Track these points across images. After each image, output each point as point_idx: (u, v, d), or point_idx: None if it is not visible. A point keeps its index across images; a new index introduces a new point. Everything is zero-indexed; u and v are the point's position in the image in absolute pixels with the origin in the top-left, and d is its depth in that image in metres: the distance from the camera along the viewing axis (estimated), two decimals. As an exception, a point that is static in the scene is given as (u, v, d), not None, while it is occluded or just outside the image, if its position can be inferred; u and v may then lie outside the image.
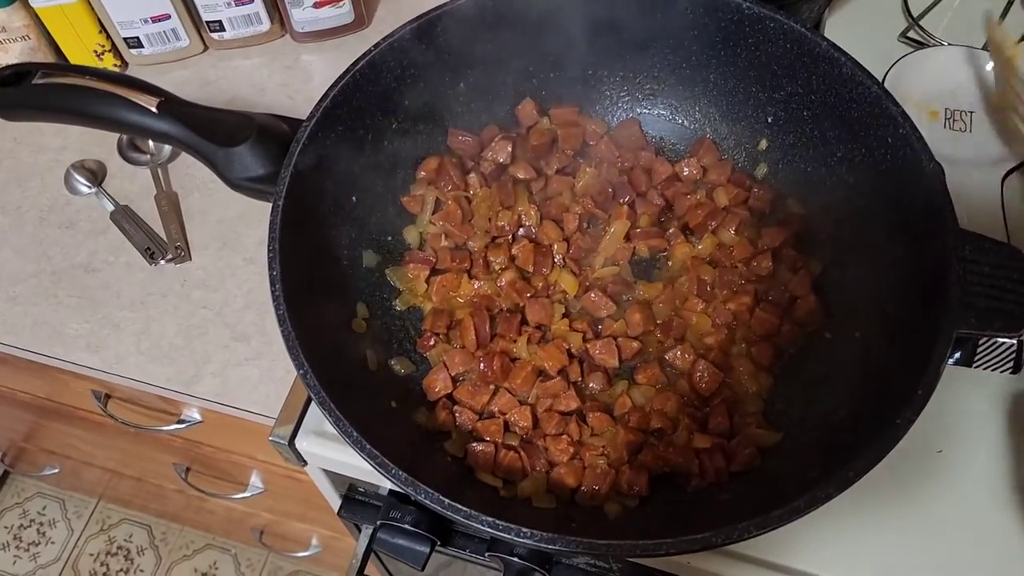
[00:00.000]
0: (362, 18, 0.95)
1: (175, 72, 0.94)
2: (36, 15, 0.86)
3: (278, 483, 1.06)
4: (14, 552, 1.82)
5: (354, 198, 0.66)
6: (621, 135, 0.73)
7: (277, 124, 0.63)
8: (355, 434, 0.49)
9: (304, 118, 0.63)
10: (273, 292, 0.54)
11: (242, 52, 0.96)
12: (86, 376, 0.81)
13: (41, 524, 1.87)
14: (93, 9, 0.87)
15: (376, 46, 0.65)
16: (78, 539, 1.83)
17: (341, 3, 0.92)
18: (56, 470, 1.53)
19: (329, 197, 0.64)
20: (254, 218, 0.84)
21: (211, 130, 0.60)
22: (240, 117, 0.62)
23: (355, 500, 0.77)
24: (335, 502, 0.79)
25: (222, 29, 0.92)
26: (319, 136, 0.61)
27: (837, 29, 0.89)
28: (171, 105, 0.61)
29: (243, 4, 0.90)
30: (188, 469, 1.15)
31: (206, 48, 0.95)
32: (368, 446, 0.49)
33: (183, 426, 0.91)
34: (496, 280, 0.67)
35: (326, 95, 0.62)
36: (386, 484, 0.74)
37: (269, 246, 0.56)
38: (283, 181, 0.58)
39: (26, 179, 0.88)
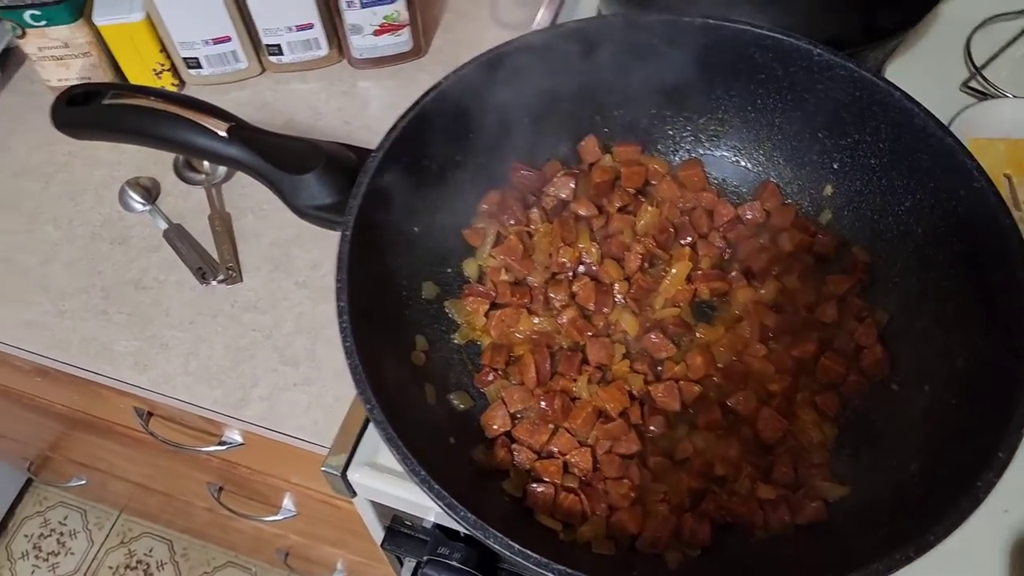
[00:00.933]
0: (419, 47, 0.96)
1: (232, 93, 0.95)
2: (99, 33, 0.87)
3: (313, 508, 1.05)
4: (33, 562, 1.81)
5: (416, 228, 0.66)
6: (683, 175, 0.73)
7: (344, 153, 0.63)
8: (423, 473, 0.48)
9: (366, 146, 0.63)
10: (341, 323, 0.54)
11: (299, 76, 0.96)
12: (129, 393, 0.80)
13: (62, 534, 1.86)
14: (155, 29, 0.87)
15: (445, 79, 0.64)
16: (98, 551, 1.82)
17: (400, 32, 0.92)
18: (83, 482, 1.52)
19: (392, 227, 0.64)
20: (307, 241, 0.84)
21: (279, 157, 0.60)
22: (308, 145, 0.62)
23: (400, 532, 0.76)
24: (378, 533, 0.78)
25: (281, 53, 0.93)
26: (386, 167, 0.61)
27: (897, 76, 0.88)
28: (240, 130, 0.61)
29: (303, 29, 0.90)
30: (221, 489, 1.14)
31: (263, 70, 0.96)
32: (436, 486, 0.48)
33: (223, 448, 0.91)
34: (556, 317, 0.67)
35: (395, 126, 0.62)
36: (431, 518, 0.73)
37: (337, 276, 0.55)
38: (351, 211, 0.58)
39: (80, 193, 0.88)
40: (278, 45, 0.92)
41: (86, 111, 0.61)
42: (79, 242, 0.85)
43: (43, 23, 0.83)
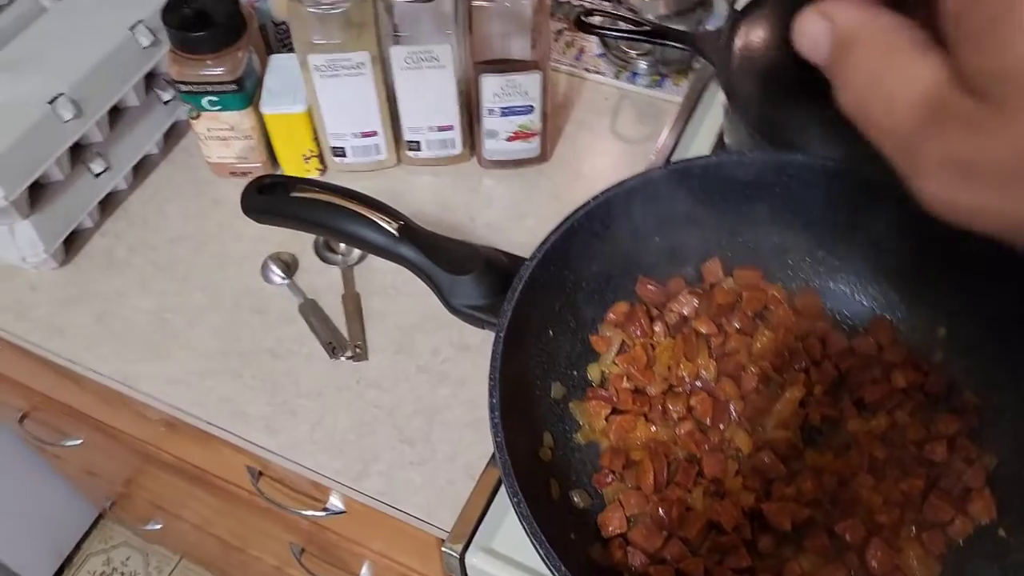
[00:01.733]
0: (545, 154, 1.03)
1: (368, 180, 1.02)
2: (263, 120, 0.95)
3: (390, 579, 1.08)
4: (94, 599, 1.86)
5: (551, 332, 0.71)
6: (800, 303, 0.77)
7: (499, 257, 0.69)
8: (563, 569, 0.52)
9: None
10: (492, 419, 0.58)
11: (431, 170, 1.03)
12: (248, 452, 0.86)
13: (123, 575, 1.91)
14: (312, 120, 0.96)
15: (593, 199, 0.70)
16: (156, 595, 1.86)
17: (531, 139, 0.99)
18: (159, 526, 1.58)
19: (533, 329, 0.69)
20: (429, 328, 0.90)
21: (443, 258, 0.66)
22: (467, 248, 0.68)
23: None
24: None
25: (419, 149, 1.01)
26: (536, 275, 0.66)
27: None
28: (409, 230, 0.67)
29: (444, 130, 0.98)
30: (303, 550, 1.18)
31: (399, 162, 1.04)
32: (577, 583, 0.51)
33: (324, 514, 0.95)
34: (674, 428, 0.70)
35: (547, 239, 0.68)
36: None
37: (491, 375, 0.60)
38: (505, 314, 0.63)
39: (226, 263, 0.95)
40: (418, 142, 1.00)
41: (275, 200, 0.68)
42: (223, 308, 0.91)
43: (217, 108, 0.92)
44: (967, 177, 0.25)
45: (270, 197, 0.69)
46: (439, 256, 0.66)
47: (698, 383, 0.73)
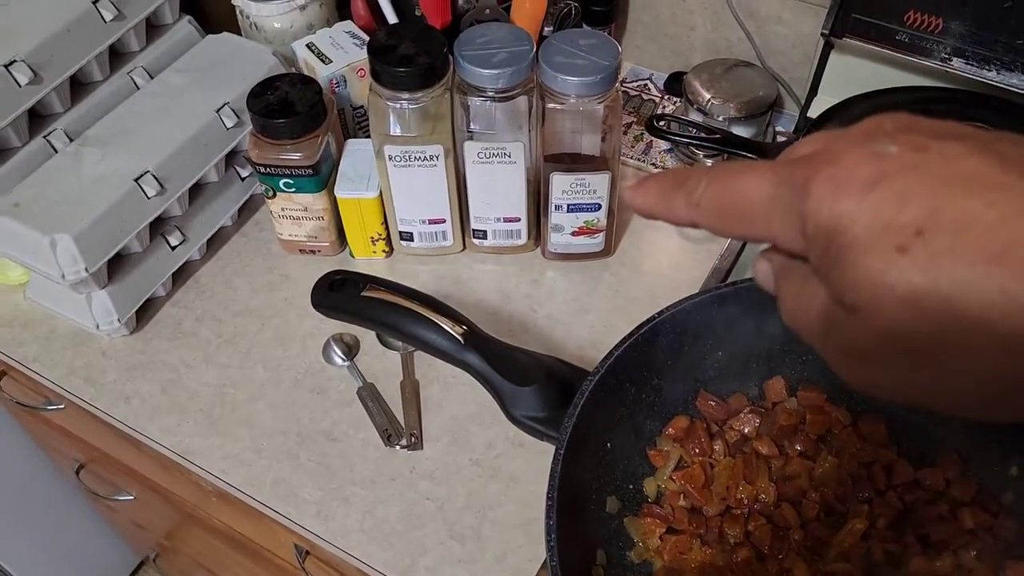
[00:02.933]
0: (609, 248, 1.03)
1: (433, 264, 1.04)
2: (335, 202, 0.98)
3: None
4: (129, 646, 1.87)
5: (608, 444, 0.71)
6: (865, 429, 0.75)
7: (561, 369, 0.69)
8: None
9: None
10: (548, 541, 0.58)
11: (495, 258, 1.04)
12: (298, 533, 0.86)
13: (159, 624, 1.92)
14: (383, 205, 0.98)
15: (660, 314, 0.70)
16: (190, 649, 1.86)
17: (596, 235, 1.00)
18: (200, 583, 1.59)
19: (591, 442, 0.68)
20: (486, 420, 0.89)
21: (506, 367, 0.66)
22: (531, 359, 0.68)
23: None
24: None
25: (484, 238, 1.02)
26: (598, 389, 0.66)
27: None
28: (474, 337, 0.68)
29: (511, 221, 0.99)
30: (342, 628, 1.17)
31: (464, 248, 1.05)
32: None
33: (367, 599, 0.95)
34: (730, 554, 0.69)
35: (610, 354, 0.67)
36: None
37: (548, 494, 0.60)
38: (566, 431, 0.63)
39: (289, 340, 0.97)
40: (484, 231, 1.01)
41: (345, 298, 0.69)
42: (283, 386, 0.93)
43: (292, 190, 0.95)
44: (857, 360, 0.32)
45: (340, 295, 0.70)
46: (502, 365, 0.66)
47: (757, 506, 0.72)
